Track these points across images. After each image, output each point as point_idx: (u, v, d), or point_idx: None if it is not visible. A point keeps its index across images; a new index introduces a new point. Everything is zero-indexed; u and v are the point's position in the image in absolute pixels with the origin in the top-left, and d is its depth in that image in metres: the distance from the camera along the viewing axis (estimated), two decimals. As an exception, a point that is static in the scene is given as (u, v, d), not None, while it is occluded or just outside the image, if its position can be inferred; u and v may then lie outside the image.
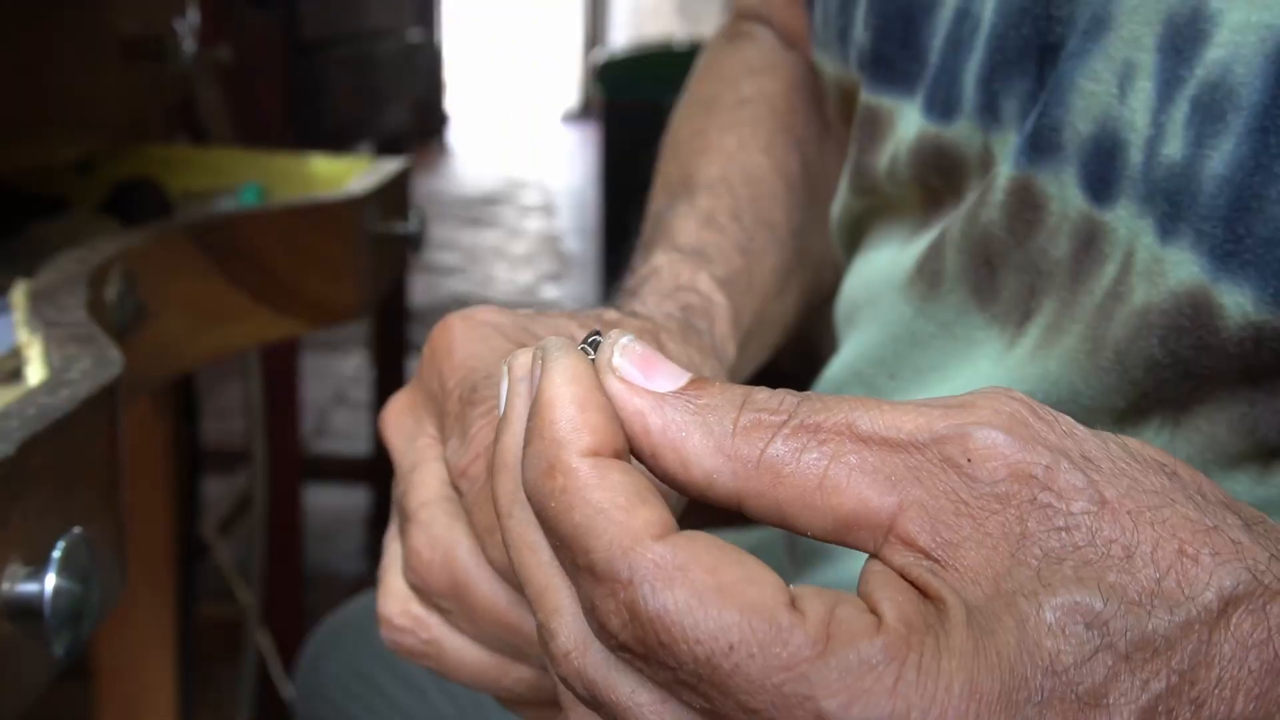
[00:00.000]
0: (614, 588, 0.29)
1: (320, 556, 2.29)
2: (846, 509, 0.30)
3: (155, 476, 1.11)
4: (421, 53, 2.36)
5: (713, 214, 0.62)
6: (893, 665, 0.27)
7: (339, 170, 1.07)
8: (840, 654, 0.27)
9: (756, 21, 0.78)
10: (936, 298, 0.52)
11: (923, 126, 0.51)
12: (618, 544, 0.29)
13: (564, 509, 0.30)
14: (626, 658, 0.30)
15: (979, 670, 0.27)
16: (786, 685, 0.27)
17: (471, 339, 0.46)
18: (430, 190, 5.89)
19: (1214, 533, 0.29)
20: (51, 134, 0.84)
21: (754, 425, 0.31)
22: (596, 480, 0.30)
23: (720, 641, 0.28)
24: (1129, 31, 0.42)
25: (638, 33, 7.40)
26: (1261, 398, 0.41)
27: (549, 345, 0.33)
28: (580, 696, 0.32)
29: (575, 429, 0.31)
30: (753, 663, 0.27)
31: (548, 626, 0.32)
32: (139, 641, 1.13)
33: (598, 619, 0.30)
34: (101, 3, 0.88)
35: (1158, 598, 0.29)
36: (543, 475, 0.31)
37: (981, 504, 0.30)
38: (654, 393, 0.32)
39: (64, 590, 0.43)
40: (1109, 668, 0.28)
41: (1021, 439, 0.30)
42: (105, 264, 0.67)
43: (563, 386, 0.31)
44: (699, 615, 0.28)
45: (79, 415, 0.47)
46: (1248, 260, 0.39)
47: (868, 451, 0.31)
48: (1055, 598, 0.28)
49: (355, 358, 3.39)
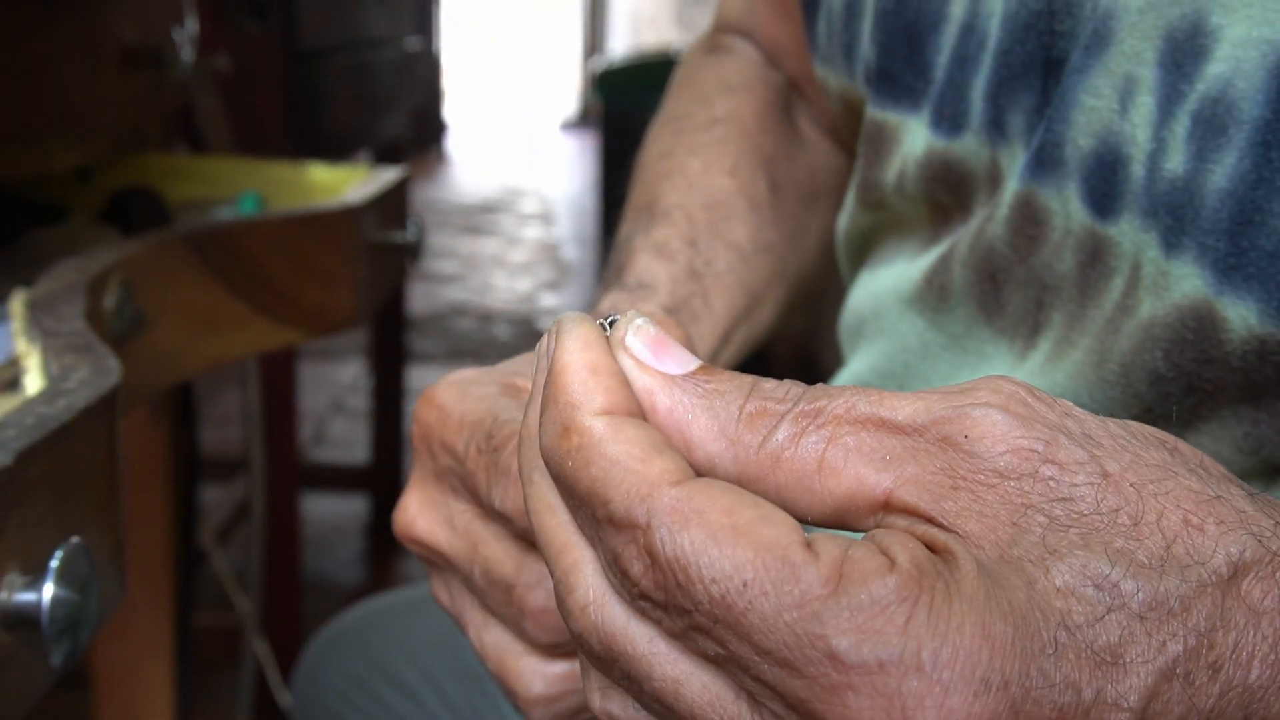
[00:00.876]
0: (634, 534, 0.29)
1: (318, 565, 2.29)
2: (843, 489, 0.31)
3: (153, 485, 1.10)
4: (420, 61, 2.37)
5: (666, 243, 0.62)
6: (904, 605, 0.27)
7: (337, 179, 1.07)
8: (852, 592, 0.27)
9: (738, 35, 0.77)
10: (945, 311, 0.52)
11: (930, 142, 0.52)
12: (635, 492, 0.30)
13: (581, 465, 0.31)
14: (646, 606, 0.30)
15: (990, 614, 0.27)
16: (799, 624, 0.27)
17: (459, 398, 0.46)
18: (429, 198, 5.89)
19: (1218, 502, 0.30)
20: (50, 142, 0.84)
21: (759, 413, 0.32)
22: (611, 435, 0.31)
23: (735, 579, 0.28)
24: (1130, 46, 0.43)
25: (636, 41, 7.41)
26: (1265, 417, 0.41)
27: (564, 318, 0.34)
28: (594, 652, 0.32)
29: (588, 391, 0.31)
30: (766, 600, 0.28)
31: (565, 582, 0.33)
32: (137, 649, 1.13)
33: (620, 567, 0.30)
34: (100, 11, 0.89)
35: (1167, 563, 0.29)
36: (558, 437, 0.31)
37: (979, 478, 0.30)
38: (663, 373, 0.33)
39: (62, 599, 0.43)
40: (1123, 627, 0.28)
41: (1020, 417, 0.30)
42: (103, 273, 0.67)
43: (575, 353, 0.32)
44: (714, 554, 0.28)
45: (77, 425, 0.47)
46: (1251, 274, 0.39)
47: (864, 433, 0.31)
48: (1062, 562, 0.28)
49: (353, 366, 3.39)
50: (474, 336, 3.81)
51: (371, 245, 0.94)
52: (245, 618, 1.50)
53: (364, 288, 0.92)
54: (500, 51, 9.98)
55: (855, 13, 0.57)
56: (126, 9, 0.92)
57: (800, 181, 0.69)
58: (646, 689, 0.31)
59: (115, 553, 0.52)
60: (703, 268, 0.61)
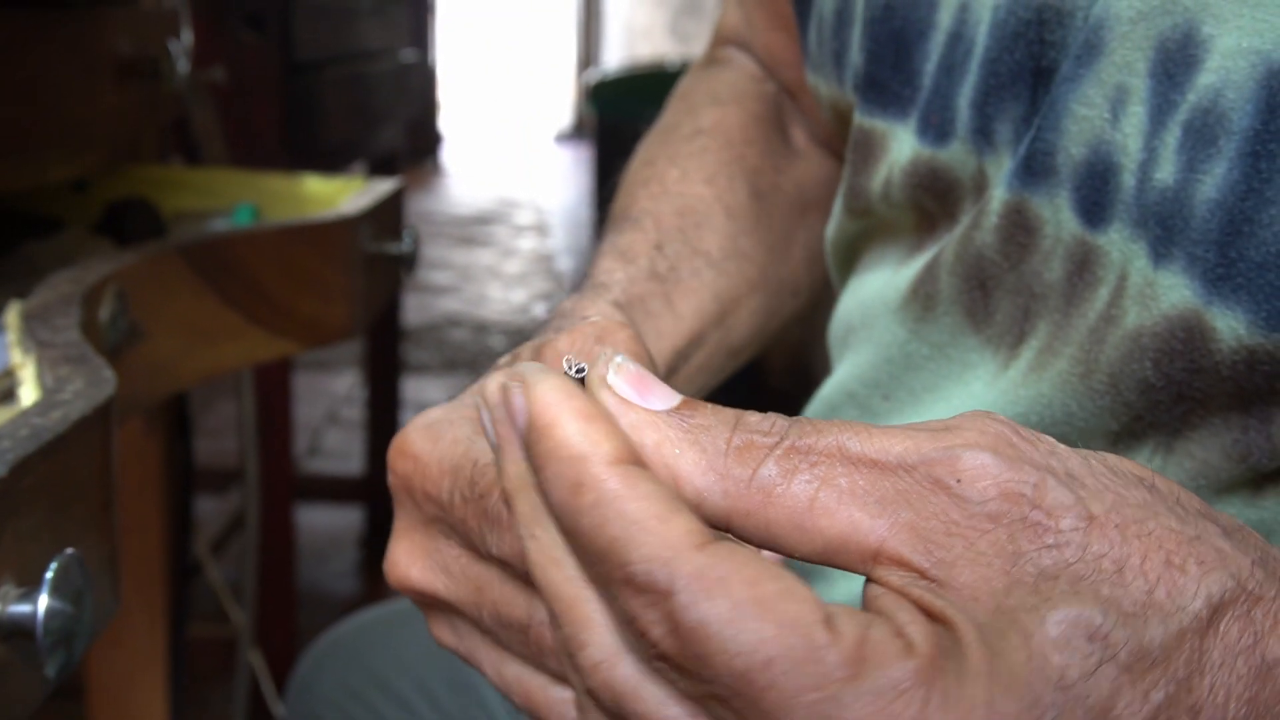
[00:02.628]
0: (654, 599, 0.29)
1: (313, 576, 2.29)
2: (835, 531, 0.31)
3: (148, 495, 1.10)
4: (415, 73, 2.37)
5: (629, 247, 0.61)
6: (921, 690, 0.27)
7: (332, 190, 1.08)
8: (873, 676, 0.28)
9: (736, 47, 0.78)
10: (931, 320, 0.52)
11: (916, 149, 0.52)
12: (657, 555, 0.29)
13: (599, 523, 0.30)
14: (662, 668, 0.30)
15: (996, 691, 0.28)
16: (819, 704, 0.27)
17: (433, 443, 0.44)
18: (424, 210, 5.89)
19: (1197, 542, 0.30)
20: (46, 154, 0.85)
21: (746, 446, 0.31)
22: (628, 491, 0.30)
23: (758, 655, 0.28)
24: (1121, 57, 0.43)
25: (630, 53, 7.42)
26: (1254, 424, 0.41)
27: (525, 369, 0.33)
28: (607, 708, 0.32)
29: (592, 441, 0.31)
30: (787, 679, 0.28)
31: (577, 638, 0.32)
32: (131, 661, 1.13)
33: (639, 629, 0.30)
34: (96, 24, 0.89)
35: (1151, 609, 0.29)
36: (570, 493, 0.31)
37: (972, 524, 0.30)
38: (649, 410, 0.32)
39: (56, 611, 0.43)
40: (1113, 680, 0.28)
41: (1008, 459, 0.30)
42: (99, 284, 0.67)
43: (560, 403, 0.31)
44: (738, 627, 0.28)
45: (72, 436, 0.47)
46: (1240, 284, 0.39)
47: (858, 474, 0.31)
48: (1056, 612, 0.29)
49: (348, 377, 3.38)
50: (469, 348, 3.81)
51: (366, 256, 0.94)
52: (240, 629, 1.50)
53: (359, 299, 0.92)
54: (495, 63, 10.00)
55: (845, 20, 0.57)
56: (122, 21, 0.93)
57: (788, 193, 0.70)
58: None
59: (110, 564, 0.52)
60: (666, 271, 0.60)
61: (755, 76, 0.75)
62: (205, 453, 1.86)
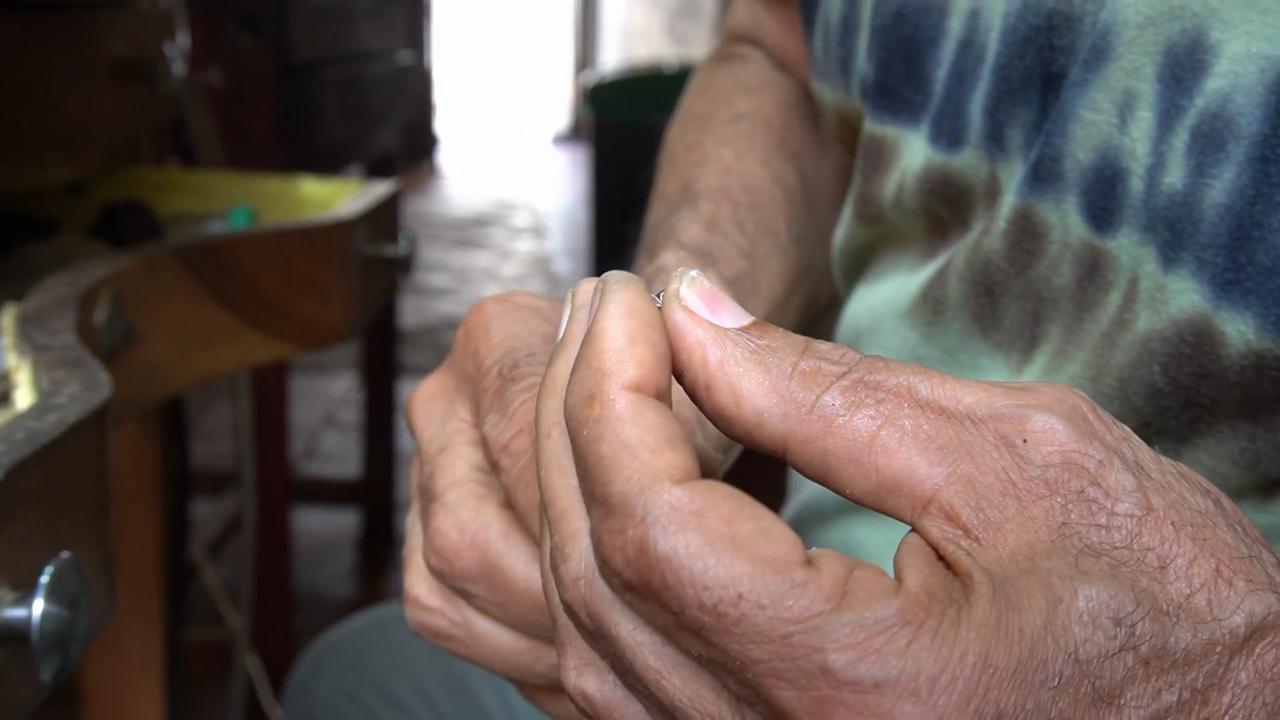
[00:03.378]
0: (624, 524, 0.29)
1: (309, 579, 2.28)
2: (892, 471, 0.30)
3: (144, 498, 1.10)
4: (412, 75, 2.37)
5: (715, 219, 0.62)
6: (908, 628, 0.27)
7: (329, 193, 1.07)
8: (855, 610, 0.27)
9: (748, 44, 0.78)
10: (940, 324, 0.52)
11: (929, 156, 0.52)
12: (636, 481, 0.29)
13: (594, 439, 0.30)
14: (627, 598, 0.30)
15: (996, 644, 0.27)
16: (795, 636, 0.27)
17: (509, 320, 0.46)
18: (420, 212, 5.89)
19: (1251, 562, 0.29)
20: (42, 156, 0.84)
21: (812, 372, 0.31)
22: (631, 416, 0.30)
23: (729, 590, 0.27)
24: (1129, 61, 0.43)
25: (627, 55, 7.42)
26: (1261, 433, 0.41)
27: (611, 277, 0.33)
28: (584, 625, 0.32)
29: (621, 361, 0.31)
30: (761, 614, 0.27)
31: (562, 550, 0.32)
32: (127, 664, 1.12)
33: (601, 554, 0.30)
34: (92, 26, 0.89)
35: (1184, 612, 0.28)
36: (582, 403, 0.31)
37: (1029, 487, 0.30)
38: (717, 326, 0.32)
39: (52, 615, 0.43)
40: (1128, 669, 0.28)
41: (1080, 431, 0.30)
42: (94, 287, 0.67)
43: (617, 319, 0.31)
44: (709, 561, 0.28)
45: (67, 440, 0.47)
46: (1249, 288, 0.39)
47: (923, 418, 0.30)
48: (1091, 587, 0.28)
49: (344, 380, 3.38)
50: (466, 350, 3.80)
51: (363, 259, 0.94)
52: (236, 632, 1.50)
53: (355, 301, 0.92)
54: (492, 65, 10.00)
55: (852, 27, 0.57)
56: (118, 24, 0.92)
57: (827, 179, 0.70)
58: (630, 672, 0.31)
59: (105, 568, 0.52)
60: (750, 249, 0.61)
61: (775, 68, 0.75)
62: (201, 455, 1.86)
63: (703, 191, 0.64)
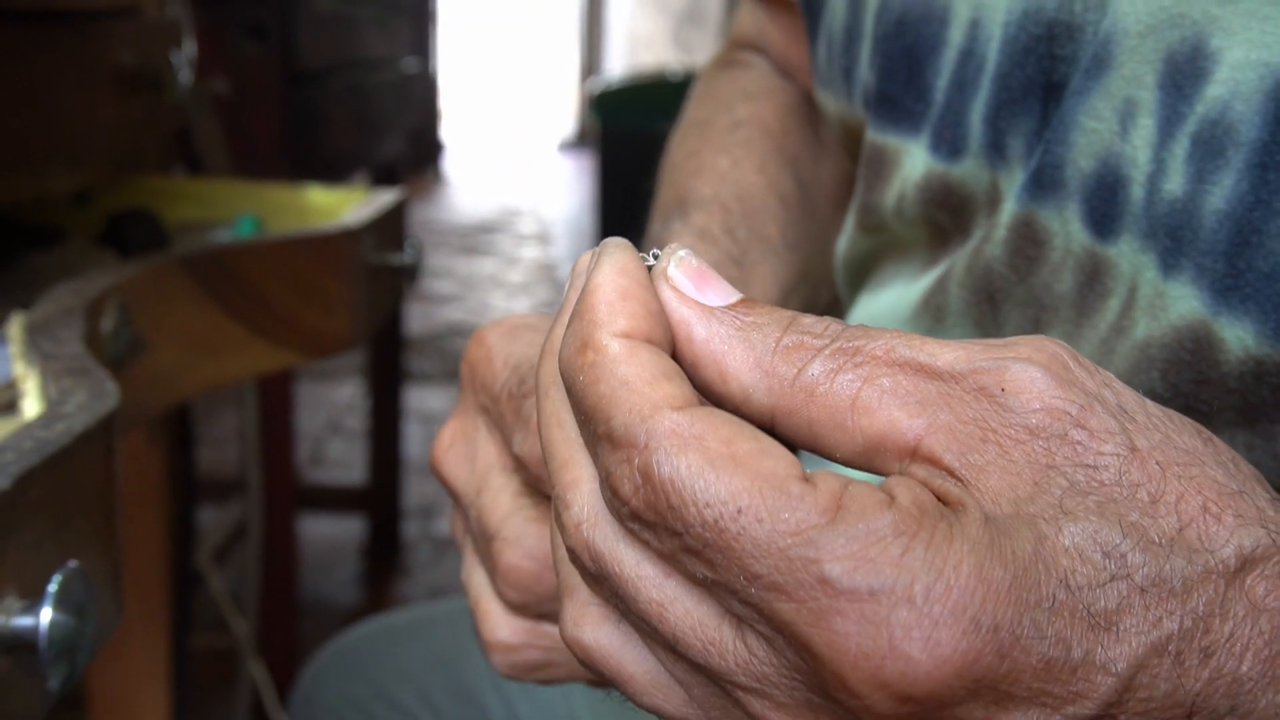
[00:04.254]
0: (630, 453, 0.30)
1: (315, 586, 2.28)
2: (875, 429, 0.31)
3: (150, 505, 1.10)
4: (417, 82, 2.37)
5: (706, 228, 0.62)
6: (901, 539, 0.28)
7: (335, 201, 1.08)
8: (850, 521, 0.28)
9: (752, 50, 0.78)
10: (941, 331, 0.52)
11: (930, 165, 0.52)
12: (637, 411, 0.30)
13: (591, 381, 0.31)
14: (635, 528, 0.31)
15: (990, 559, 0.28)
16: (792, 549, 0.28)
17: (507, 342, 0.47)
18: (426, 219, 5.90)
19: (1239, 497, 0.30)
20: (48, 165, 0.85)
21: (796, 346, 0.32)
22: (625, 356, 0.31)
23: (729, 505, 0.28)
24: (1130, 70, 0.43)
25: (633, 62, 7.43)
26: (1259, 442, 0.41)
27: (608, 242, 0.34)
28: (586, 568, 0.33)
29: (613, 313, 0.32)
30: (760, 527, 0.28)
31: (564, 498, 0.33)
32: (133, 672, 1.13)
33: (611, 485, 0.30)
34: (98, 35, 0.89)
35: (1176, 544, 0.29)
36: (576, 351, 0.32)
37: (1010, 432, 0.30)
38: (702, 304, 0.33)
39: (60, 624, 0.43)
40: (1123, 596, 0.28)
41: (1059, 379, 0.30)
42: (101, 296, 0.67)
43: (610, 276, 0.32)
44: (709, 478, 0.29)
45: (75, 449, 0.47)
46: (1248, 295, 0.39)
47: (901, 375, 0.31)
48: (1075, 524, 0.29)
49: (350, 386, 3.38)
50: (471, 357, 3.80)
51: (369, 267, 0.95)
52: (242, 639, 1.50)
53: (361, 310, 0.92)
54: (497, 71, 10.01)
55: (854, 37, 0.57)
56: (125, 32, 0.93)
57: (825, 185, 0.70)
58: (633, 609, 0.32)
59: (112, 577, 0.52)
60: (740, 256, 0.62)
61: (778, 75, 0.75)
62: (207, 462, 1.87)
63: (695, 201, 0.65)
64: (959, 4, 0.50)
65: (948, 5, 0.51)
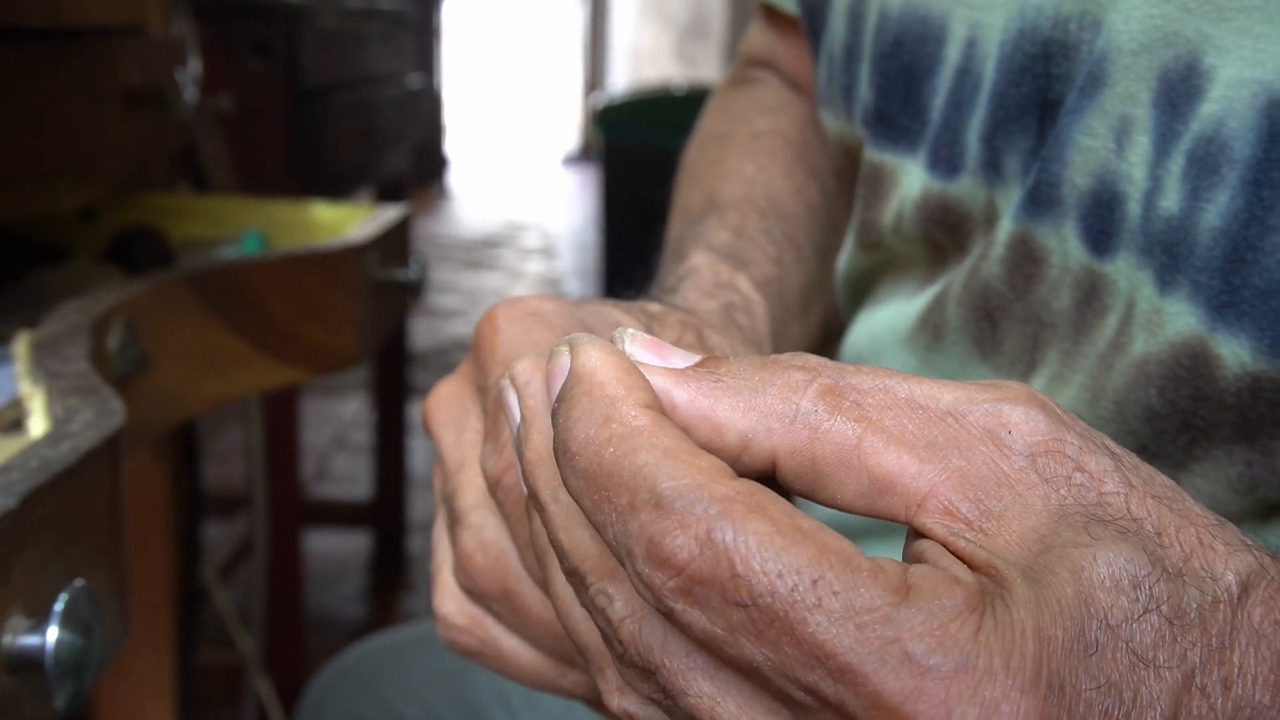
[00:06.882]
0: (685, 519, 0.28)
1: (320, 602, 2.28)
2: (883, 471, 0.30)
3: (155, 521, 1.10)
4: (422, 98, 2.38)
5: (742, 227, 0.62)
6: (974, 615, 0.27)
7: (340, 217, 1.08)
8: (926, 599, 0.27)
9: (763, 68, 0.79)
10: (940, 349, 0.52)
11: (927, 183, 0.52)
12: (691, 477, 0.29)
13: (626, 452, 0.30)
14: (679, 607, 0.29)
15: (1045, 617, 0.28)
16: (870, 627, 0.27)
17: (515, 330, 0.45)
18: (431, 233, 5.90)
19: (1222, 527, 0.30)
20: (54, 183, 0.85)
21: (783, 384, 0.31)
22: (659, 427, 0.30)
23: (804, 576, 0.27)
24: (1125, 88, 0.43)
25: (637, 76, 7.44)
26: (1258, 457, 0.41)
27: (574, 338, 0.33)
28: (633, 662, 0.32)
29: (628, 387, 0.31)
30: (836, 600, 0.27)
31: (606, 592, 0.32)
32: (138, 688, 1.13)
33: (659, 554, 0.28)
34: (104, 53, 0.89)
35: (1187, 574, 0.29)
36: (598, 426, 0.30)
37: (1021, 476, 0.30)
38: (673, 369, 0.32)
39: (66, 643, 0.43)
40: (1156, 630, 0.28)
41: (1055, 420, 0.31)
42: (107, 313, 0.67)
43: (604, 360, 0.32)
44: (780, 545, 0.27)
45: (81, 468, 0.47)
46: (1244, 311, 0.40)
47: (906, 417, 0.31)
48: (1107, 551, 0.28)
49: (355, 402, 3.39)
50: (476, 371, 3.80)
51: (374, 283, 0.95)
52: (247, 655, 1.50)
53: (366, 326, 0.93)
54: (501, 87, 10.03)
55: (854, 56, 0.58)
56: (130, 50, 0.93)
57: (845, 195, 0.70)
58: (681, 704, 0.31)
59: (119, 595, 0.52)
60: (778, 256, 0.61)
61: (790, 89, 0.76)
62: (213, 478, 1.87)
63: (728, 201, 0.64)
64: (956, 23, 0.51)
65: (944, 24, 0.51)
